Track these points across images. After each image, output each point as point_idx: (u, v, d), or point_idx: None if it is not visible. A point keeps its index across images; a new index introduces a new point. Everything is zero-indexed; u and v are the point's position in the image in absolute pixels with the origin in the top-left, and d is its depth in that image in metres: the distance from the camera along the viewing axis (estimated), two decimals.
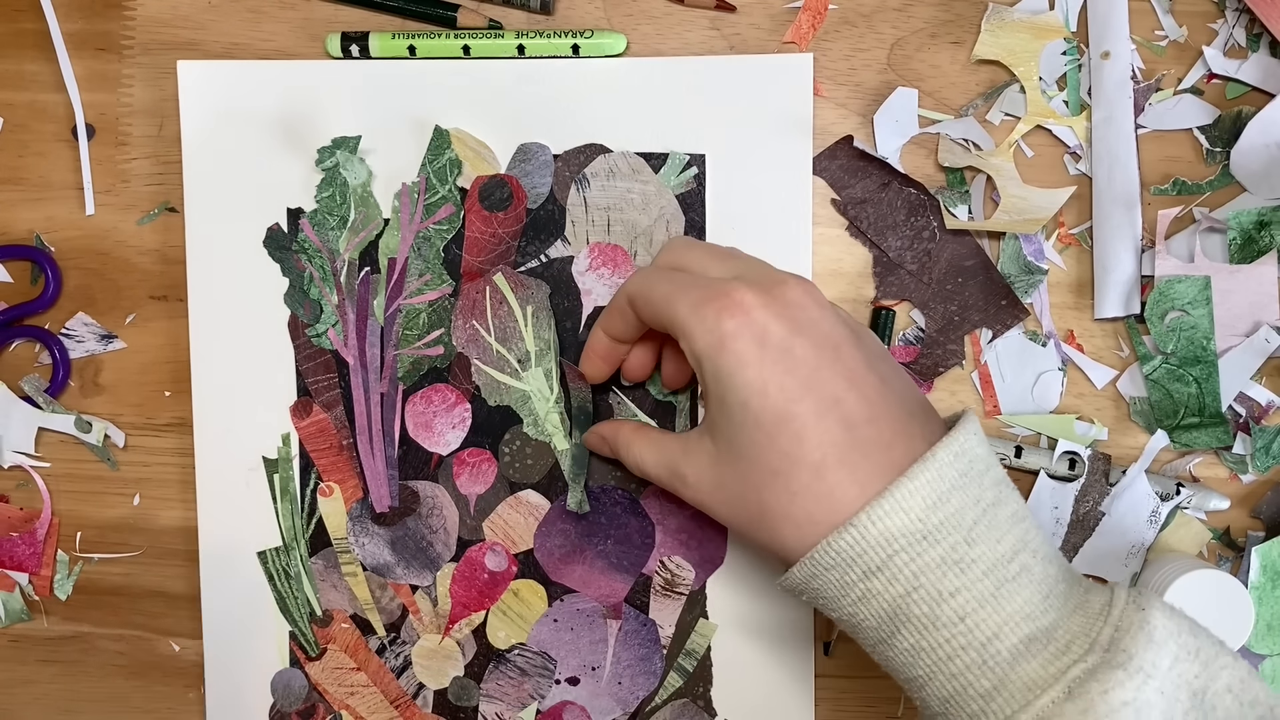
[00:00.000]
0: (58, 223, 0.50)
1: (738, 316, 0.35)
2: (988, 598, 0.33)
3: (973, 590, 0.33)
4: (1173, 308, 0.46)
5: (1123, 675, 0.31)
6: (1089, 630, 0.33)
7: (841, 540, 0.33)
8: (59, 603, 0.51)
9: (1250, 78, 0.46)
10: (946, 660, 0.33)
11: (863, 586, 0.34)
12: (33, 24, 0.50)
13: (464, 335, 0.48)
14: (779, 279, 0.37)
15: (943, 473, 0.33)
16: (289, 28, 0.49)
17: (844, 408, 0.35)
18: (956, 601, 0.33)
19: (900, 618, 0.34)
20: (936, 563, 0.33)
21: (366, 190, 0.48)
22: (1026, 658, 0.32)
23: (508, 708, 0.49)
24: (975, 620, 0.33)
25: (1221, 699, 0.32)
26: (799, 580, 0.35)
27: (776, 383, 0.35)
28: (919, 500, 0.33)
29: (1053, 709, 0.31)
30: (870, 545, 0.33)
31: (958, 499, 0.33)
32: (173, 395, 0.50)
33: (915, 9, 0.47)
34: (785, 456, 0.35)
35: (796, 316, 0.36)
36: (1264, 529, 0.47)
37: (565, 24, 0.48)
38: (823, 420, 0.34)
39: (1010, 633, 0.33)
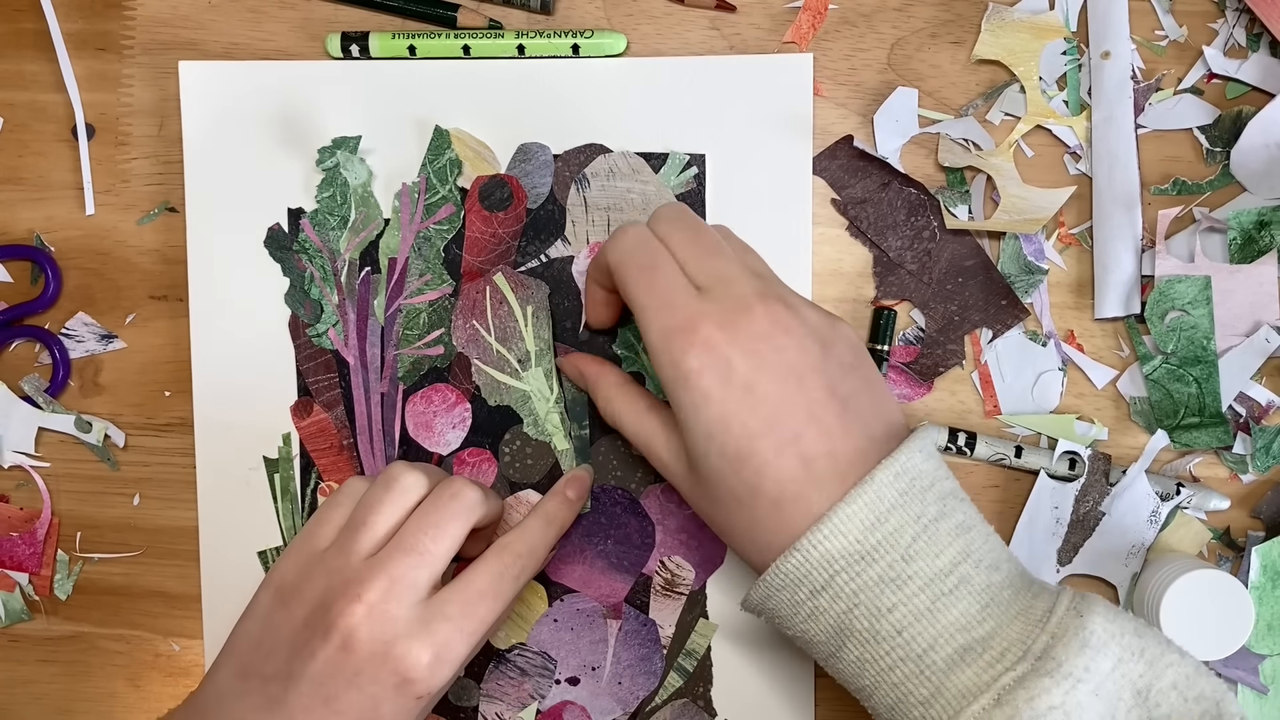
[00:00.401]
0: (58, 223, 0.50)
1: (701, 354, 0.36)
2: (923, 612, 0.35)
3: (909, 605, 0.35)
4: (1173, 308, 0.46)
5: (1049, 682, 0.33)
6: (1025, 638, 0.34)
7: (788, 563, 0.35)
8: (59, 603, 0.51)
9: (1250, 78, 0.46)
10: (888, 670, 0.35)
11: (810, 604, 0.36)
12: (33, 24, 0.50)
13: (464, 335, 0.48)
14: (746, 305, 0.37)
15: (881, 494, 0.35)
16: (289, 28, 0.49)
17: (802, 444, 0.36)
18: (894, 616, 0.35)
19: (845, 633, 0.36)
20: (875, 581, 0.35)
21: (367, 190, 0.48)
22: (961, 667, 0.34)
23: (508, 708, 0.49)
24: (912, 634, 0.35)
25: (1166, 695, 0.34)
26: (756, 600, 0.38)
27: (739, 420, 0.36)
28: (857, 523, 0.35)
29: (981, 715, 0.33)
30: (814, 566, 0.35)
31: (896, 518, 0.35)
32: (173, 395, 0.50)
33: (915, 9, 0.47)
34: (747, 488, 0.37)
35: (760, 350, 0.37)
36: (1264, 529, 0.47)
37: (565, 24, 0.48)
38: (781, 456, 0.36)
39: (945, 644, 0.34)
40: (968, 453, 0.47)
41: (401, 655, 0.38)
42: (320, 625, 0.39)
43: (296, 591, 0.40)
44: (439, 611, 0.39)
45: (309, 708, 0.38)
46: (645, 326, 0.38)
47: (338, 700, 0.38)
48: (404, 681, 0.38)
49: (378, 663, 0.38)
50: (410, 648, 0.38)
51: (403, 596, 0.39)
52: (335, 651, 0.38)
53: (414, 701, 0.39)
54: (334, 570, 0.40)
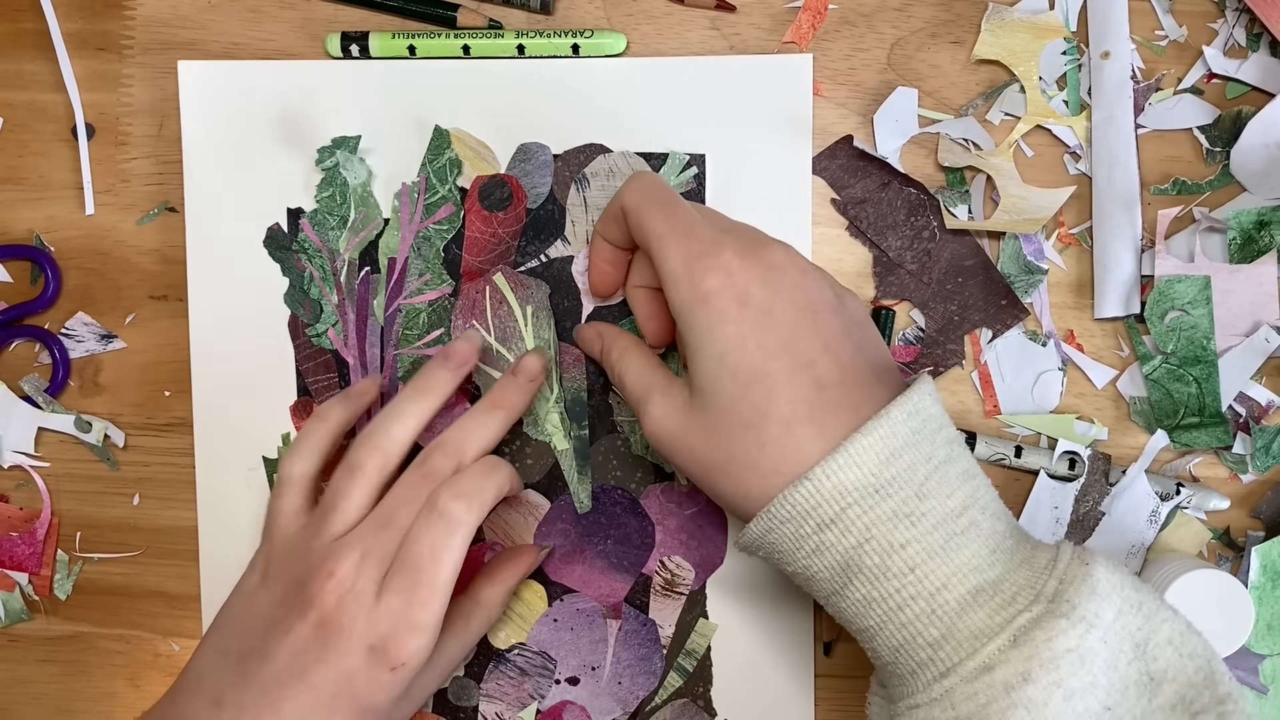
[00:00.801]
0: (58, 223, 0.50)
1: (721, 277, 0.37)
2: (937, 550, 0.34)
3: (923, 542, 0.34)
4: (1173, 307, 0.46)
5: (1066, 624, 0.33)
6: (1034, 583, 0.34)
7: (797, 493, 0.35)
8: (59, 603, 0.51)
9: (1250, 78, 0.46)
10: (896, 610, 0.35)
11: (817, 539, 0.35)
12: (33, 24, 0.50)
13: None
14: (764, 242, 0.38)
15: (895, 429, 0.35)
16: (289, 28, 0.49)
17: (817, 369, 0.36)
18: (907, 553, 0.34)
19: (852, 569, 0.35)
20: (888, 515, 0.34)
21: (366, 190, 0.48)
22: (974, 608, 0.34)
23: (508, 707, 0.49)
24: (924, 571, 0.34)
25: (1162, 650, 0.34)
26: (756, 535, 0.37)
27: (754, 339, 0.36)
28: (872, 455, 0.34)
29: (998, 656, 0.33)
30: (825, 498, 0.35)
31: (910, 455, 0.35)
32: (173, 395, 0.50)
33: (915, 9, 0.47)
34: (757, 409, 0.36)
35: (778, 280, 0.37)
36: (1264, 529, 0.47)
37: (565, 24, 0.48)
38: (795, 378, 0.36)
39: (958, 584, 0.34)
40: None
41: (367, 629, 0.39)
42: (295, 603, 0.40)
43: (275, 573, 0.42)
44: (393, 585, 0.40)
45: (283, 683, 0.39)
46: (665, 254, 0.38)
47: (310, 675, 0.39)
48: (375, 654, 0.39)
49: (348, 636, 0.39)
50: (376, 620, 0.39)
51: (372, 571, 0.40)
52: (309, 628, 0.39)
53: (389, 673, 0.39)
54: (310, 550, 0.41)
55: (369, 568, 0.40)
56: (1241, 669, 0.46)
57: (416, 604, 0.39)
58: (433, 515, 0.40)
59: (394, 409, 0.44)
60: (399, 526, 0.41)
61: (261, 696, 0.39)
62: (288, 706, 0.39)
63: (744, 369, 0.36)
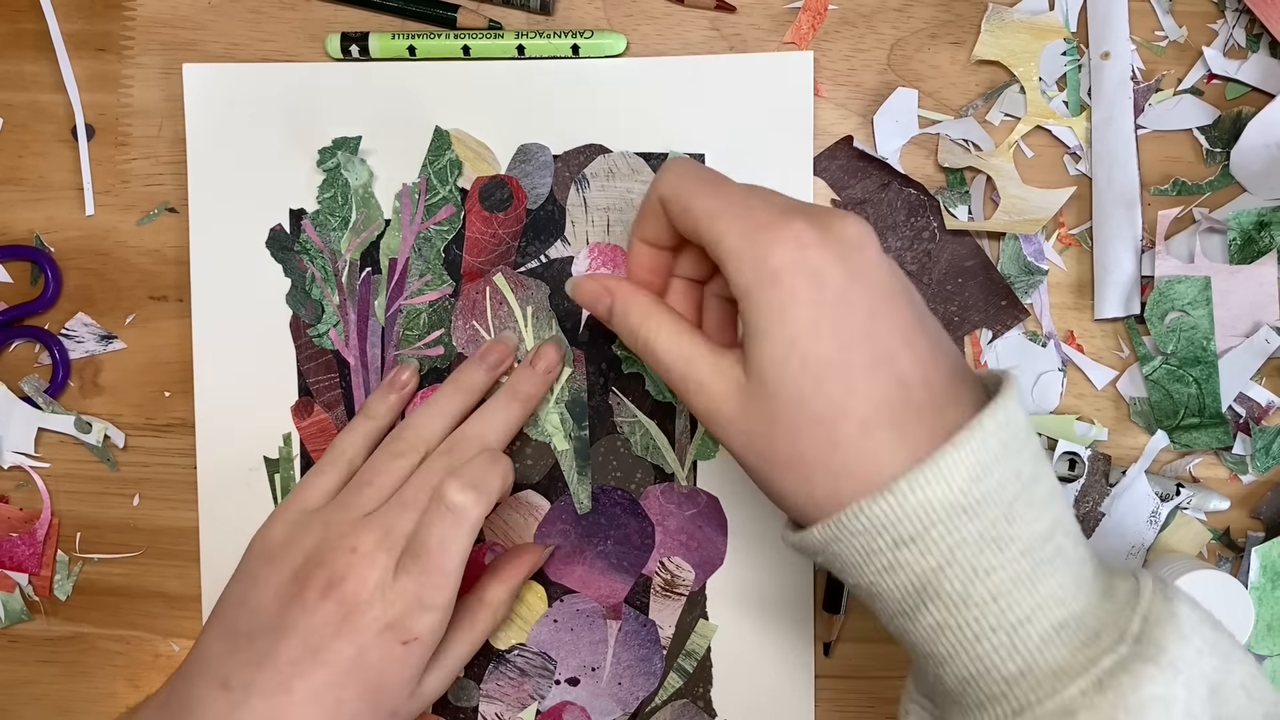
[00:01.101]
0: (58, 223, 0.50)
1: (792, 250, 0.33)
2: (1024, 579, 0.31)
3: (1009, 569, 0.31)
4: (1173, 308, 0.46)
5: (1155, 670, 0.30)
6: (1118, 619, 0.32)
7: (876, 506, 0.31)
8: (59, 603, 0.51)
9: (1250, 78, 0.46)
10: (974, 640, 0.32)
11: (890, 556, 0.32)
12: (33, 24, 0.50)
13: (464, 335, 0.48)
14: (838, 214, 0.34)
15: (987, 443, 0.31)
16: (289, 28, 0.49)
17: (899, 365, 0.32)
18: (992, 580, 0.31)
19: (929, 592, 0.32)
20: (974, 538, 0.31)
21: (368, 191, 0.48)
22: (1056, 644, 0.31)
23: (507, 708, 0.49)
24: (1009, 601, 0.31)
25: (1235, 694, 0.32)
26: (817, 542, 0.33)
27: (831, 325, 0.32)
28: (962, 471, 0.31)
29: (1081, 700, 0.30)
30: (906, 514, 0.31)
31: (1000, 472, 0.31)
32: (173, 395, 0.50)
33: (915, 9, 0.47)
34: (831, 404, 0.32)
35: (854, 260, 0.33)
36: (1264, 529, 0.47)
37: (565, 24, 0.48)
38: (876, 373, 0.32)
39: (1043, 617, 0.31)
40: None
41: (386, 602, 0.39)
42: (311, 578, 0.40)
43: (285, 550, 0.41)
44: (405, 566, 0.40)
45: (296, 660, 0.38)
46: (722, 231, 0.34)
47: (326, 650, 0.39)
48: (389, 629, 0.39)
49: (363, 611, 0.39)
50: (394, 596, 0.39)
51: (394, 547, 0.40)
52: (325, 602, 0.39)
53: (401, 648, 0.39)
54: (330, 524, 0.41)
55: (389, 546, 0.40)
56: None
57: (429, 587, 0.39)
58: (440, 508, 0.40)
59: (433, 404, 0.45)
60: (419, 508, 0.41)
61: (274, 675, 0.38)
62: (300, 685, 0.38)
63: (817, 358, 0.32)
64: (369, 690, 0.39)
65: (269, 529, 0.43)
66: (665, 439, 0.48)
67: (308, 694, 0.38)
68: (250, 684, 0.38)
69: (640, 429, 0.48)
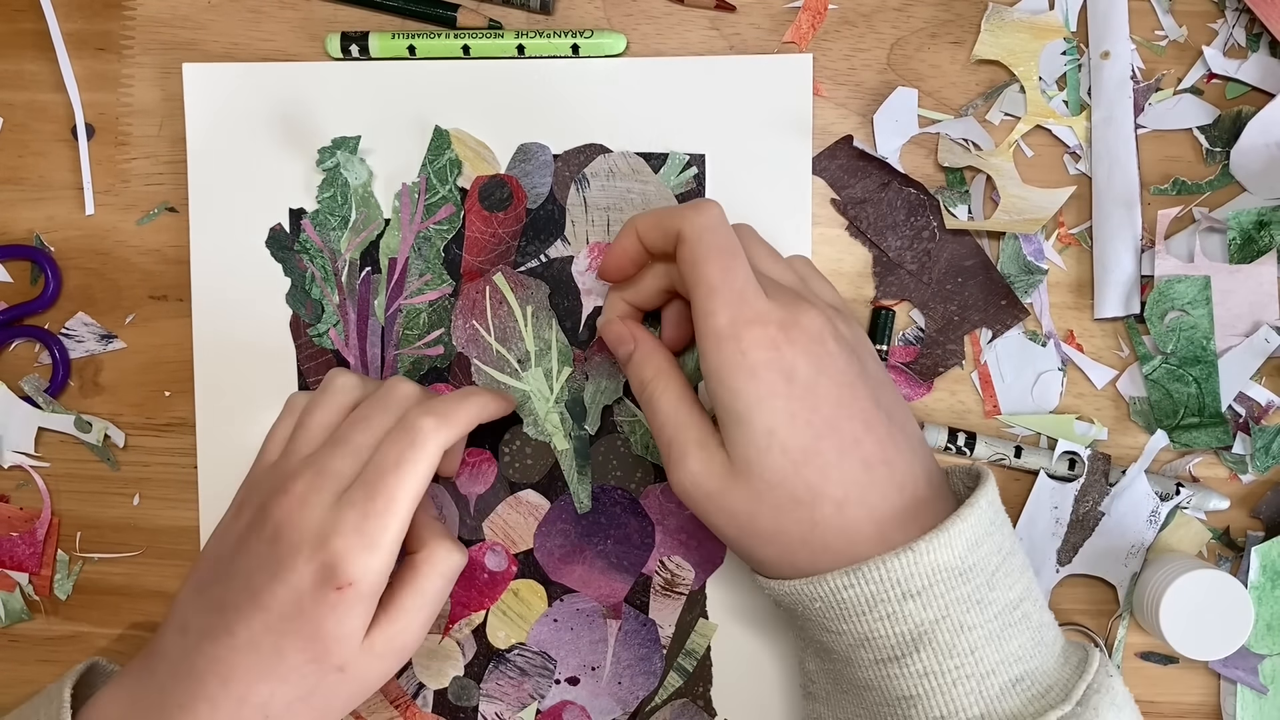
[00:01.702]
0: (58, 223, 0.50)
1: (769, 351, 0.37)
2: (994, 635, 0.36)
3: (986, 628, 0.36)
4: (1172, 308, 0.46)
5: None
6: (1067, 682, 0.37)
7: (897, 560, 0.36)
8: (59, 603, 0.51)
9: (1250, 78, 0.46)
10: (950, 685, 0.36)
11: (895, 606, 0.36)
12: (33, 24, 0.50)
13: (464, 335, 0.48)
14: (801, 307, 0.38)
15: (980, 518, 0.37)
16: (289, 28, 0.49)
17: (863, 449, 0.37)
18: (972, 636, 0.36)
19: (924, 640, 0.36)
20: (964, 598, 0.36)
21: (367, 190, 0.48)
22: (1013, 694, 0.36)
23: (508, 707, 0.49)
24: (982, 654, 0.36)
25: None
26: (828, 588, 0.37)
27: (804, 417, 0.37)
28: (964, 540, 0.36)
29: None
30: (919, 571, 0.36)
31: (988, 543, 0.37)
32: (173, 395, 0.50)
33: (915, 9, 0.47)
34: (810, 488, 0.37)
35: (818, 353, 0.38)
36: (1264, 529, 0.47)
37: (565, 24, 0.48)
38: (845, 459, 0.37)
39: (1005, 670, 0.36)
40: (967, 453, 0.47)
41: (317, 542, 0.38)
42: (257, 523, 0.40)
43: (245, 503, 0.42)
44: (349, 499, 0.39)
45: (238, 604, 0.39)
46: (711, 310, 0.38)
47: (263, 593, 0.38)
48: (322, 570, 0.38)
49: (295, 552, 0.38)
50: (325, 534, 0.38)
51: (326, 487, 0.39)
52: (264, 545, 0.39)
53: (335, 593, 0.38)
54: (275, 473, 0.42)
55: (325, 483, 0.39)
56: (1241, 669, 0.46)
57: (371, 516, 0.38)
58: (400, 429, 0.40)
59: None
60: (356, 445, 0.40)
61: (220, 618, 0.39)
62: (241, 628, 0.38)
63: (796, 446, 0.37)
64: (308, 640, 0.38)
65: (242, 485, 0.44)
66: None
67: (248, 639, 0.38)
68: (203, 629, 0.39)
69: (640, 428, 0.48)
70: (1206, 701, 0.47)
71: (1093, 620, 0.47)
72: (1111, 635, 0.47)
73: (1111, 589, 0.47)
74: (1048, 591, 0.47)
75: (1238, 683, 0.46)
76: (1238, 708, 0.46)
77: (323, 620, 0.38)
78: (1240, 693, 0.46)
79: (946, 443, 0.47)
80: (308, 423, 0.43)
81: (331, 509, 0.39)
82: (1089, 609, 0.48)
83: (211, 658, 0.39)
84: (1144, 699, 0.47)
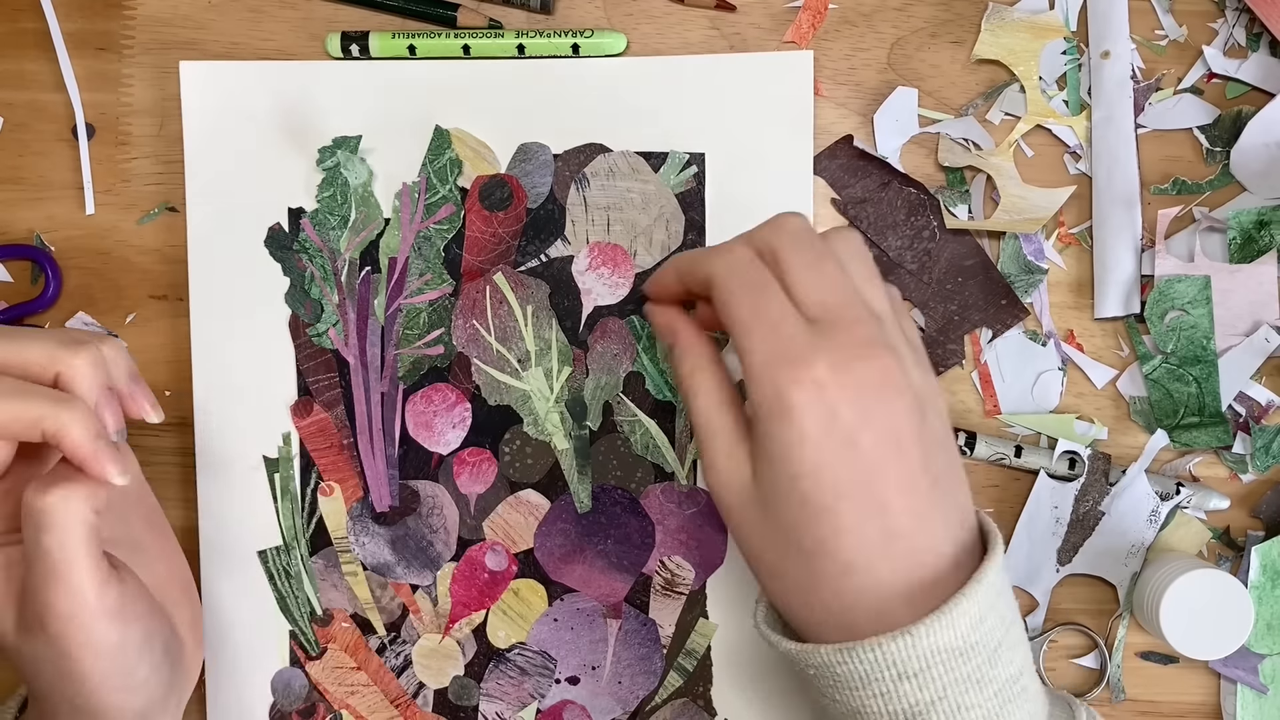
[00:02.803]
0: (58, 222, 0.50)
1: (810, 392, 0.34)
2: (993, 713, 0.35)
3: (984, 707, 0.35)
4: (1173, 307, 0.46)
5: None
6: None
7: (893, 644, 0.34)
8: None
9: (1250, 77, 0.46)
10: None
11: (890, 685, 0.35)
12: (33, 24, 0.50)
13: (464, 335, 0.48)
14: (861, 352, 0.35)
15: (985, 594, 0.35)
16: (289, 28, 0.49)
17: (889, 518, 0.35)
18: (969, 716, 0.35)
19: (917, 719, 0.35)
20: (963, 678, 0.34)
21: (367, 190, 0.48)
22: None
23: (508, 707, 0.49)
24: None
25: None
26: (821, 660, 0.36)
27: (831, 472, 0.34)
28: (967, 619, 0.34)
29: None
30: (917, 654, 0.34)
31: (992, 618, 0.35)
32: (173, 395, 0.50)
33: (915, 8, 0.47)
34: (819, 543, 0.35)
35: (869, 404, 0.35)
36: (1264, 529, 0.47)
37: (565, 24, 0.48)
38: (865, 524, 0.35)
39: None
40: (968, 452, 0.47)
41: None
42: None
43: None
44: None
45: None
46: (748, 349, 0.36)
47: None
48: None
49: None
50: None
51: None
52: None
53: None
54: None
55: None
56: (1241, 669, 0.46)
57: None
58: None
59: None
60: None
61: None
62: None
63: (814, 499, 0.35)
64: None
65: None
66: (665, 438, 0.48)
67: None
68: None
69: (640, 428, 0.48)
70: (1206, 701, 0.47)
71: (1093, 620, 0.47)
72: (1111, 635, 0.47)
73: (1111, 589, 0.47)
74: (1047, 591, 0.47)
75: (1238, 682, 0.46)
76: (1238, 707, 0.46)
77: None
78: (1240, 692, 0.46)
79: None
80: None
81: None
82: (1089, 609, 0.48)
83: None
84: (1144, 699, 0.48)
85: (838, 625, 0.36)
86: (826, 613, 0.36)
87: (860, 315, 0.36)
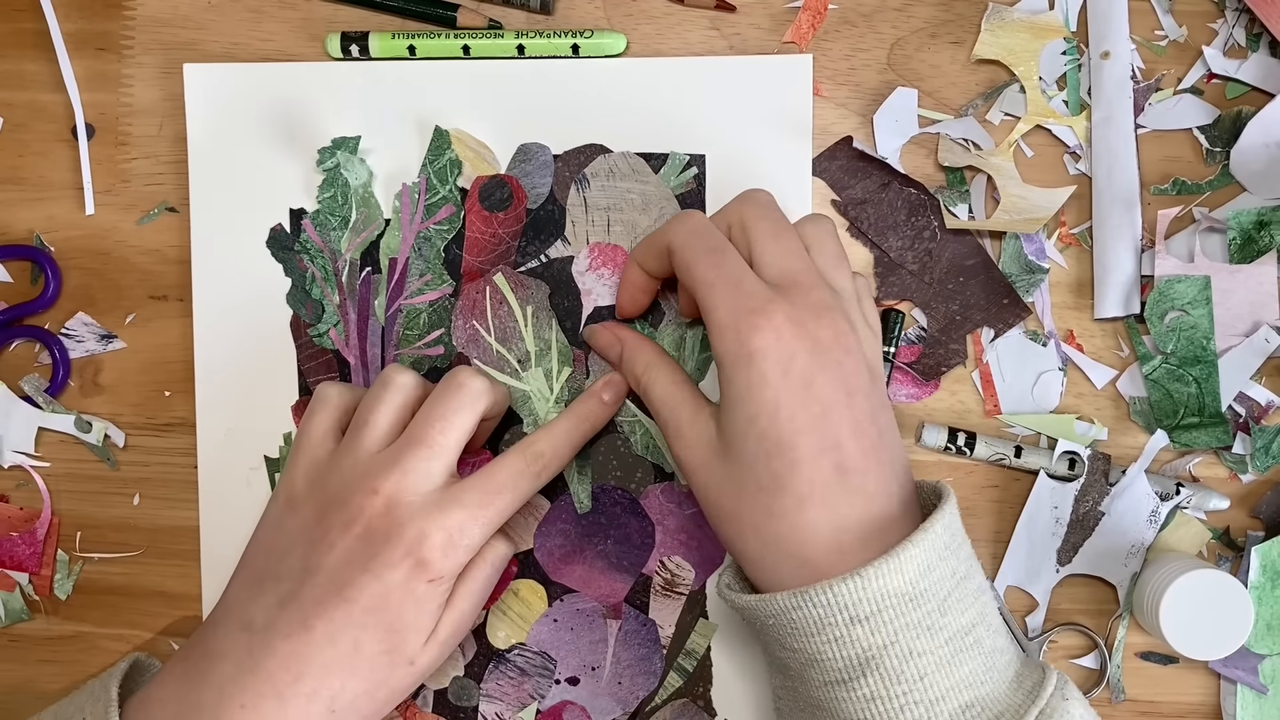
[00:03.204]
0: (58, 223, 0.50)
1: (769, 338, 0.37)
2: (944, 662, 0.36)
3: (935, 654, 0.36)
4: (1173, 307, 0.46)
5: None
6: (1018, 708, 0.36)
7: (844, 585, 0.35)
8: (59, 602, 0.51)
9: (1250, 78, 0.46)
10: (898, 711, 0.36)
11: (843, 630, 0.36)
12: (33, 24, 0.50)
13: (464, 335, 0.48)
14: (818, 312, 0.38)
15: (934, 543, 0.36)
16: (289, 28, 0.49)
17: (842, 453, 0.37)
18: (921, 662, 0.36)
19: (871, 665, 0.36)
20: (914, 624, 0.36)
21: (367, 191, 0.48)
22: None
23: (508, 708, 0.49)
24: (931, 680, 0.36)
25: None
26: (778, 607, 0.37)
27: (788, 410, 0.37)
28: (915, 565, 0.36)
29: None
30: (867, 596, 0.36)
31: (941, 569, 0.37)
32: (173, 395, 0.50)
33: (915, 9, 0.47)
34: (775, 477, 0.37)
35: (824, 355, 0.38)
36: (1264, 529, 0.47)
37: (565, 24, 0.48)
38: (819, 458, 0.37)
39: (954, 696, 0.36)
40: (967, 453, 0.47)
41: (416, 538, 0.39)
42: (337, 519, 0.40)
43: (306, 496, 0.42)
44: (455, 498, 0.41)
45: (321, 598, 0.39)
46: (713, 304, 0.39)
47: (350, 587, 0.39)
48: (417, 564, 0.39)
49: (392, 548, 0.39)
50: (425, 530, 0.40)
51: (417, 486, 0.40)
52: (353, 541, 0.40)
53: (425, 585, 0.40)
54: (344, 469, 0.42)
55: (412, 482, 0.40)
56: (1241, 669, 0.46)
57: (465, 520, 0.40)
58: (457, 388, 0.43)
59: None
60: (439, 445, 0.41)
61: (297, 613, 0.39)
62: (320, 623, 0.39)
63: (772, 435, 0.37)
64: (387, 632, 0.40)
65: (289, 479, 0.43)
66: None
67: (326, 633, 0.39)
68: (272, 624, 0.39)
69: (640, 428, 0.48)
70: (1206, 701, 0.47)
71: (1093, 620, 0.48)
72: (1111, 635, 0.47)
73: (1111, 589, 0.47)
74: (1047, 591, 0.47)
75: (1238, 683, 0.46)
76: (1238, 708, 0.46)
77: (405, 610, 0.40)
78: (1240, 692, 0.46)
79: (946, 442, 0.47)
80: (373, 420, 0.42)
81: (424, 509, 0.40)
82: (1089, 609, 0.48)
83: (284, 654, 0.39)
84: (1144, 699, 0.48)
85: (795, 567, 0.37)
86: (783, 551, 0.37)
87: (817, 283, 0.39)
